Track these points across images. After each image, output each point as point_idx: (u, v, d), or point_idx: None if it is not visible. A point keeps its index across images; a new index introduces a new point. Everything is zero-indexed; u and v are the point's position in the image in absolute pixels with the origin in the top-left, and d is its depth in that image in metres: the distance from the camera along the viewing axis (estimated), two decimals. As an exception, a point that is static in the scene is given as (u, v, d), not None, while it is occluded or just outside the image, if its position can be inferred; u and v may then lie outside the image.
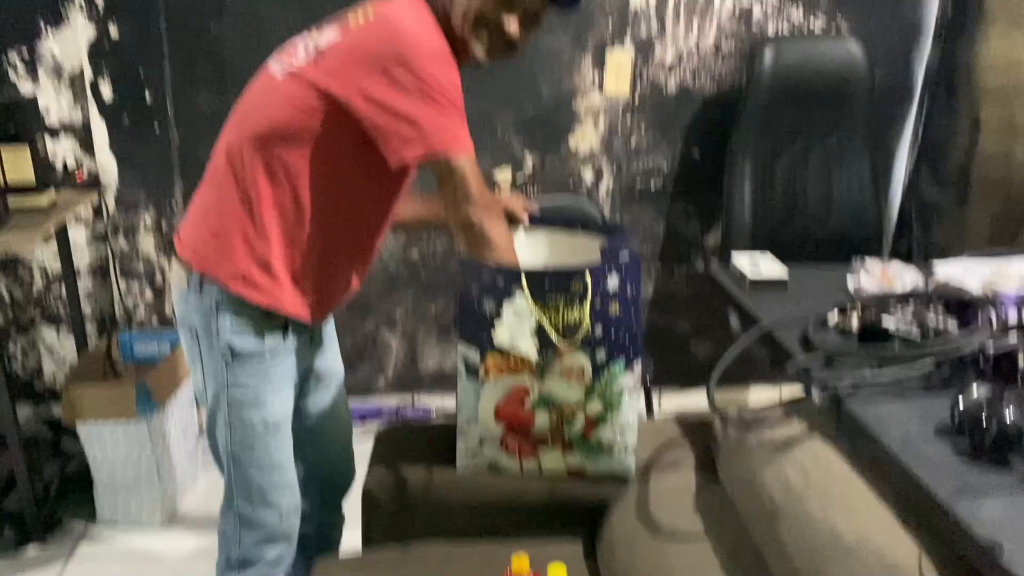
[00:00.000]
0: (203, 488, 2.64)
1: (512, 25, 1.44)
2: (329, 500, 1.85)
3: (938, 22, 2.71)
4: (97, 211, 2.66)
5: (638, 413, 1.60)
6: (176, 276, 1.51)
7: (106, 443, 2.37)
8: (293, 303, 1.49)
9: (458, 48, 1.43)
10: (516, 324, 1.50)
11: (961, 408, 1.19)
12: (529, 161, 2.77)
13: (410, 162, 1.37)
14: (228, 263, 1.44)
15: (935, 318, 1.47)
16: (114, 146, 2.57)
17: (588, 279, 1.48)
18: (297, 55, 1.42)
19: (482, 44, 1.46)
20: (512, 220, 1.72)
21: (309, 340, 1.63)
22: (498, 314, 1.50)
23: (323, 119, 1.37)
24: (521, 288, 1.47)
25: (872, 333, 1.49)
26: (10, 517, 2.35)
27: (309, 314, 1.53)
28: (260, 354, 1.50)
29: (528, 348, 1.50)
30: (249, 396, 1.52)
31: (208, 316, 1.48)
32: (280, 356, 1.53)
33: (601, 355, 1.53)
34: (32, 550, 2.36)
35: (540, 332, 1.50)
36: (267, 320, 1.49)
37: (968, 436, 1.18)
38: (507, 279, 1.48)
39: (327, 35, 1.41)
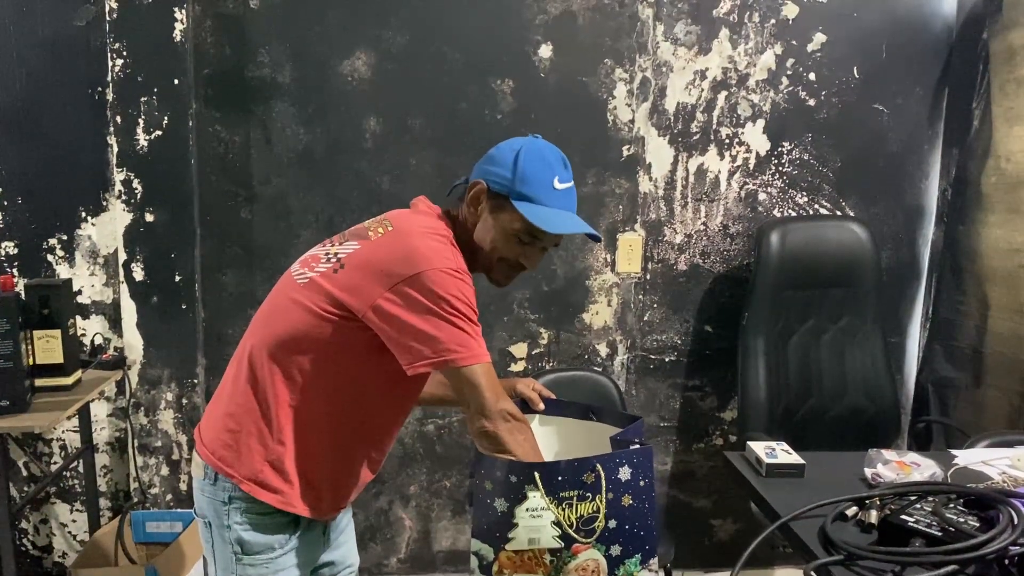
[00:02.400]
0: (206, 677, 2.53)
1: (532, 260, 1.55)
2: None
3: (939, 206, 2.81)
4: (120, 386, 2.70)
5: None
6: (195, 467, 1.54)
7: (111, 629, 2.31)
8: (305, 504, 1.50)
9: (476, 260, 1.52)
10: (533, 523, 1.49)
11: (988, 620, 1.16)
12: (544, 336, 2.82)
13: (423, 372, 1.40)
14: (242, 463, 1.47)
15: (956, 515, 1.44)
16: (141, 325, 2.64)
17: (601, 469, 1.48)
18: (319, 263, 1.47)
19: (502, 274, 1.57)
20: (527, 408, 1.73)
21: (322, 532, 1.62)
22: (511, 519, 1.48)
23: (340, 327, 1.41)
24: (536, 487, 1.47)
25: (892, 528, 1.47)
26: None
27: (321, 512, 1.53)
28: (270, 548, 1.50)
29: (549, 541, 1.49)
30: None
31: (220, 509, 1.49)
32: (290, 551, 1.52)
33: (616, 550, 1.50)
34: None
35: (556, 526, 1.49)
36: (277, 515, 1.49)
37: (997, 650, 1.14)
38: (520, 477, 1.47)
39: (348, 245, 1.46)
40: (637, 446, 1.52)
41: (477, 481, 1.51)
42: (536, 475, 1.47)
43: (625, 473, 1.49)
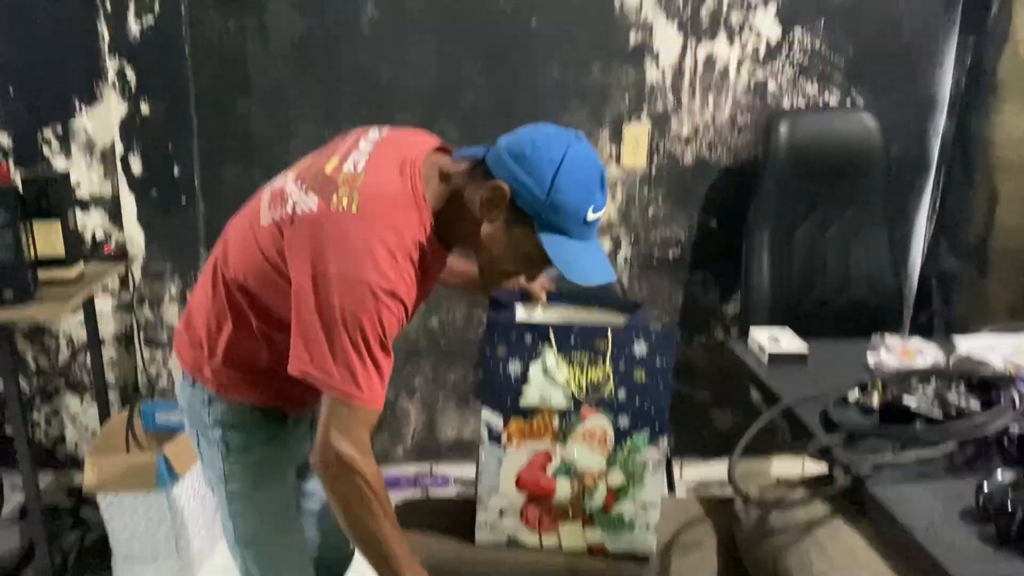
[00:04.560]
0: (221, 559, 2.62)
1: (534, 275, 1.47)
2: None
3: (952, 96, 2.75)
4: (123, 281, 2.71)
5: (661, 492, 1.60)
6: (175, 368, 1.53)
7: (125, 514, 2.37)
8: (272, 399, 1.47)
9: (463, 240, 1.39)
10: (546, 381, 1.52)
11: (985, 494, 1.18)
12: (548, 231, 2.80)
13: (310, 380, 1.26)
14: (208, 369, 1.44)
15: (957, 397, 1.46)
16: (142, 218, 2.62)
17: (611, 337, 1.51)
18: (281, 207, 1.34)
19: (493, 282, 1.51)
20: (531, 297, 1.74)
21: (310, 425, 1.59)
22: (524, 376, 1.52)
23: (280, 275, 1.32)
24: (549, 343, 1.50)
25: (894, 411, 1.49)
26: (28, 588, 2.35)
27: (293, 407, 1.50)
28: (256, 445, 1.48)
29: (560, 401, 1.52)
30: (250, 488, 1.50)
31: (201, 410, 1.47)
32: (278, 445, 1.51)
33: (624, 421, 1.54)
34: (48, 623, 2.35)
35: (567, 387, 1.53)
36: (258, 413, 1.47)
37: (993, 523, 1.16)
38: (535, 336, 1.51)
39: (309, 199, 1.30)
40: (660, 327, 1.53)
41: (489, 349, 1.54)
42: (551, 334, 1.50)
43: (640, 348, 1.51)
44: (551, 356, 1.54)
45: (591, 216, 1.31)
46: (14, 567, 2.38)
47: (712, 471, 3.03)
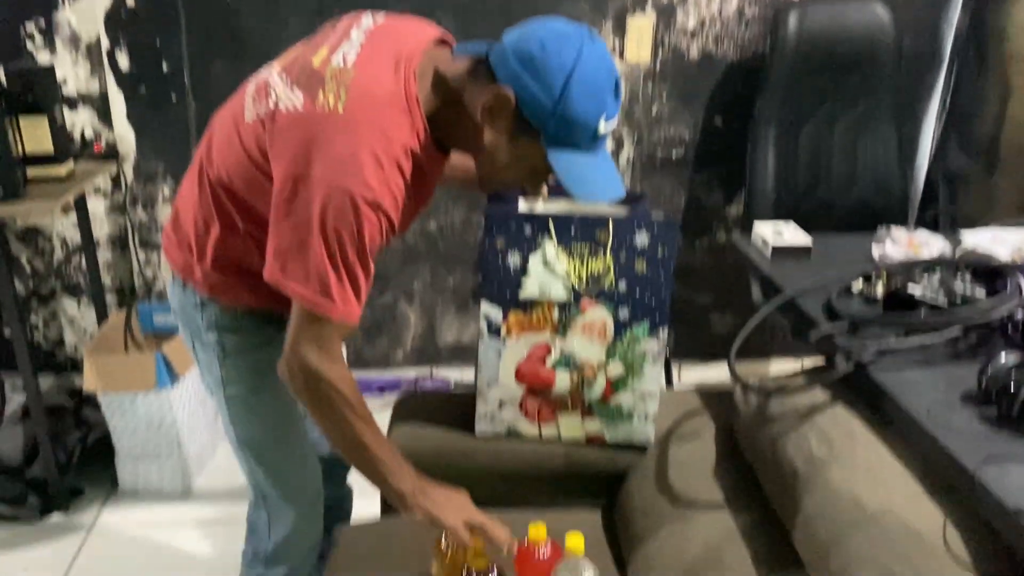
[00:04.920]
0: (222, 458, 2.65)
1: (536, 188, 1.40)
2: (334, 476, 1.79)
3: (968, -13, 2.64)
4: (116, 182, 2.66)
5: (660, 383, 1.59)
6: (165, 269, 1.49)
7: (126, 413, 2.39)
8: (264, 301, 1.39)
9: (461, 142, 1.30)
10: (546, 273, 1.50)
11: (988, 375, 1.17)
12: (548, 131, 2.73)
13: (282, 290, 1.22)
14: (198, 270, 1.39)
15: (962, 285, 1.43)
16: (132, 116, 2.56)
17: (612, 228, 1.48)
18: (264, 101, 1.26)
19: (491, 189, 1.46)
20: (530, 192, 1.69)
21: None
22: (524, 268, 1.50)
23: (264, 173, 1.25)
24: (549, 235, 1.47)
25: (898, 300, 1.46)
26: (34, 485, 2.38)
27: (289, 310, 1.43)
28: (252, 347, 1.45)
29: (560, 293, 1.51)
30: (248, 391, 1.47)
31: (194, 313, 1.43)
32: (274, 348, 1.41)
33: (624, 313, 1.53)
34: (56, 518, 2.39)
35: (567, 279, 1.52)
36: (252, 316, 1.43)
37: (995, 404, 1.15)
38: (534, 227, 1.49)
39: (294, 95, 1.22)
40: (661, 217, 1.50)
41: (488, 241, 1.51)
42: (550, 225, 1.47)
43: (642, 239, 1.48)
44: (551, 247, 1.51)
45: (603, 128, 1.20)
46: (19, 465, 2.40)
47: (711, 373, 3.04)
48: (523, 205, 1.69)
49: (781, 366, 3.01)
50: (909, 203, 2.65)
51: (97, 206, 2.68)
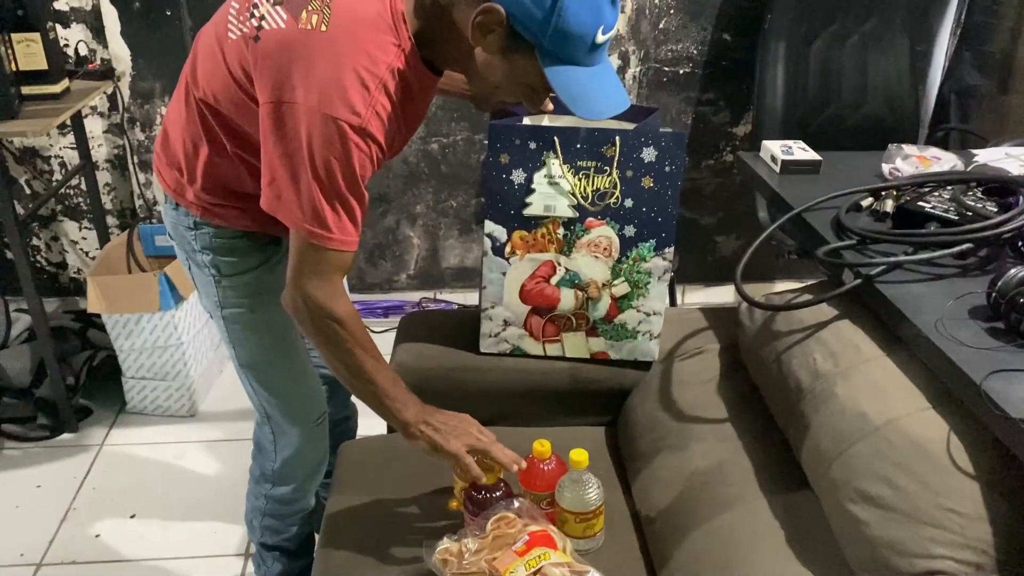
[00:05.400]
0: (228, 378, 2.68)
1: (535, 105, 1.29)
2: (337, 395, 1.80)
3: None
4: (112, 102, 2.61)
5: (665, 302, 1.59)
6: (158, 190, 1.45)
7: (132, 335, 2.40)
8: (260, 224, 1.37)
9: (451, 63, 1.27)
10: (551, 189, 1.49)
11: (997, 289, 1.16)
12: (552, 48, 2.67)
13: (279, 218, 1.21)
14: (189, 190, 1.36)
15: (974, 200, 1.41)
16: (126, 34, 2.50)
17: (619, 143, 1.45)
18: (246, 19, 1.20)
19: (489, 106, 1.41)
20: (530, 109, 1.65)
21: None
22: (528, 186, 1.48)
23: (247, 94, 1.21)
24: (554, 151, 1.45)
25: (908, 216, 1.45)
26: (43, 405, 2.40)
27: (284, 233, 1.37)
28: (247, 268, 1.42)
29: (565, 210, 1.49)
30: (246, 312, 1.45)
31: (188, 235, 1.40)
32: (271, 268, 1.43)
33: (630, 230, 1.52)
34: (66, 437, 2.42)
35: (572, 196, 1.50)
36: (246, 238, 1.40)
37: (1003, 318, 1.15)
38: (539, 142, 1.46)
39: (277, 14, 1.17)
40: (668, 131, 1.47)
41: (492, 158, 1.49)
42: (555, 140, 1.45)
43: (649, 154, 1.46)
44: (556, 164, 1.49)
45: (600, 38, 1.12)
46: (27, 387, 2.42)
47: (716, 296, 3.04)
48: (527, 120, 1.66)
49: (786, 288, 3.00)
50: (920, 120, 2.59)
51: (95, 127, 2.64)
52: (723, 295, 3.04)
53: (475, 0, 1.11)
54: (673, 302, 2.68)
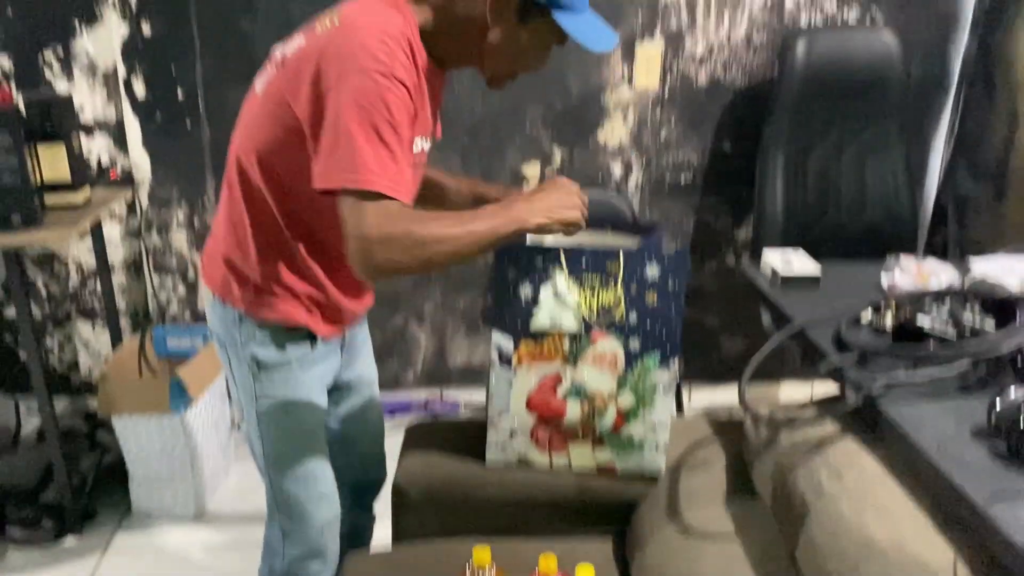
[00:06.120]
0: (235, 481, 2.67)
1: (544, 64, 1.44)
2: (360, 502, 1.85)
3: (975, 13, 2.66)
4: (131, 207, 2.69)
5: (671, 414, 1.60)
6: (204, 289, 1.53)
7: (140, 436, 2.41)
8: (302, 316, 1.46)
9: (463, 56, 1.40)
10: (556, 304, 1.52)
11: (998, 410, 1.17)
12: (558, 155, 2.76)
13: (330, 191, 1.25)
14: (236, 286, 1.44)
15: (972, 317, 1.44)
16: (147, 143, 2.59)
17: (623, 260, 1.50)
18: (272, 65, 1.38)
19: (506, 81, 1.46)
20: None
21: (340, 347, 1.62)
22: (535, 299, 1.52)
23: (294, 131, 1.30)
24: (560, 266, 1.49)
25: (907, 332, 1.47)
26: (48, 508, 2.40)
27: (323, 327, 1.50)
28: (287, 364, 1.49)
29: (571, 324, 1.52)
30: (279, 407, 1.51)
31: (232, 328, 1.48)
32: (308, 365, 1.51)
33: (635, 344, 1.54)
34: (70, 541, 2.41)
35: (578, 310, 1.53)
36: (289, 332, 1.47)
37: (1005, 439, 1.16)
38: (546, 259, 1.51)
39: (295, 42, 1.35)
40: (671, 250, 1.52)
41: (499, 272, 1.53)
42: (561, 257, 1.49)
43: (653, 271, 1.50)
44: (562, 279, 1.53)
45: None
46: (34, 489, 2.42)
47: (721, 396, 3.04)
48: (533, 236, 1.71)
49: (792, 389, 3.01)
50: (919, 227, 2.65)
51: (112, 231, 2.72)
52: (729, 395, 3.04)
53: None
54: (680, 403, 2.69)
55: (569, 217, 1.38)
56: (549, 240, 1.66)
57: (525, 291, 1.53)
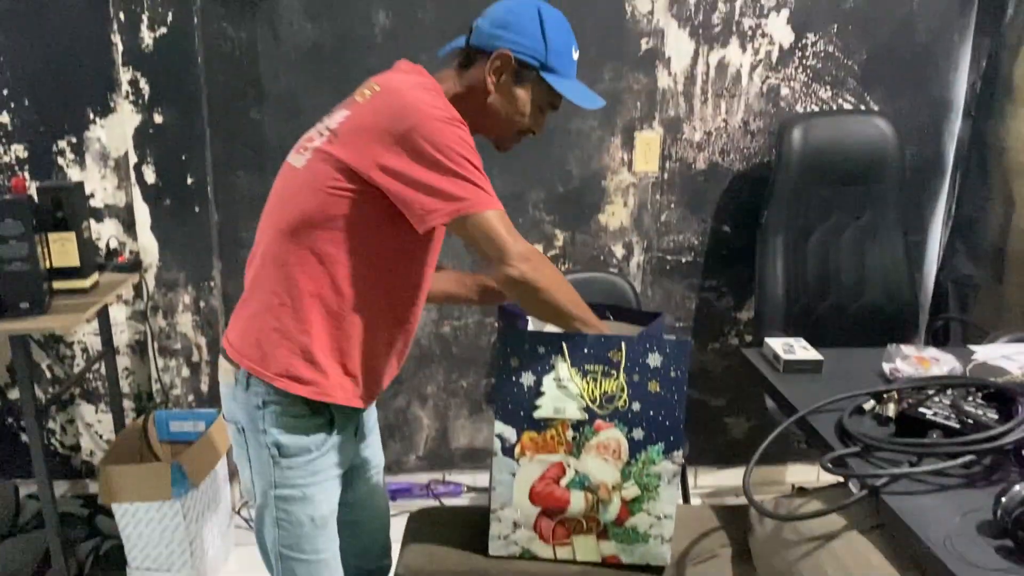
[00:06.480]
0: (235, 567, 2.63)
1: (543, 126, 1.57)
2: None
3: (967, 99, 2.72)
4: (137, 290, 2.72)
5: (676, 504, 1.59)
6: (224, 373, 1.51)
7: (140, 522, 2.38)
8: (342, 392, 1.47)
9: (481, 127, 1.52)
10: (560, 392, 1.52)
11: (1003, 507, 1.17)
12: (560, 238, 2.80)
13: (436, 225, 1.38)
14: (272, 360, 1.44)
15: (974, 407, 1.44)
16: (156, 227, 2.63)
17: (625, 349, 1.50)
18: (313, 141, 1.45)
19: (513, 142, 1.58)
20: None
21: (354, 432, 1.61)
22: (538, 388, 1.52)
23: (347, 195, 1.38)
24: (563, 355, 1.50)
25: (910, 421, 1.47)
26: (44, 597, 2.36)
27: (357, 399, 1.50)
28: (307, 450, 1.48)
29: (574, 413, 1.52)
30: (297, 493, 1.50)
31: (255, 413, 1.47)
32: (326, 452, 1.51)
33: (638, 433, 1.54)
34: (64, 631, 2.36)
35: (581, 399, 1.53)
36: (313, 416, 1.47)
37: (1011, 536, 1.15)
38: (548, 347, 1.52)
39: (337, 115, 1.44)
40: (673, 338, 1.53)
41: (501, 361, 1.53)
42: (563, 346, 1.50)
43: (655, 360, 1.50)
44: (564, 368, 1.53)
45: (575, 55, 1.54)
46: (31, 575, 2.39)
47: (726, 478, 3.02)
48: (534, 324, 1.72)
49: (799, 472, 2.98)
50: (919, 310, 2.67)
51: (119, 313, 2.74)
52: (734, 478, 3.01)
53: (481, 61, 1.48)
54: (685, 487, 2.66)
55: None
56: (550, 327, 1.68)
57: (527, 379, 1.54)
